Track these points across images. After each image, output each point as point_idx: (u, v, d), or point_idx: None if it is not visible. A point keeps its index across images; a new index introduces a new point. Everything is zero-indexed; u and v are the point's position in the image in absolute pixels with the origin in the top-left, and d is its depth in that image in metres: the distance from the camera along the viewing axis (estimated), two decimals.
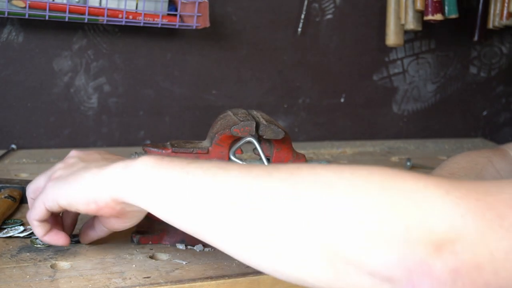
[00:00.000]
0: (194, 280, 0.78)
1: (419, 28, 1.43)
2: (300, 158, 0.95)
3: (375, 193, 0.56)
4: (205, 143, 0.93)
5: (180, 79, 1.39)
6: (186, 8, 1.22)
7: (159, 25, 1.21)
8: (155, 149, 0.91)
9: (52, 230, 0.80)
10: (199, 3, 1.20)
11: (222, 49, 1.40)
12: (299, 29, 1.45)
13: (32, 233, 0.87)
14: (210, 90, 1.42)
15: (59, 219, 0.84)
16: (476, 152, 1.01)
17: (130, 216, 0.77)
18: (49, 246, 0.84)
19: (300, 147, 0.99)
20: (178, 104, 1.40)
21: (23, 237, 0.87)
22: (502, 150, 1.01)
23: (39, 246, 0.84)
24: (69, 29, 1.27)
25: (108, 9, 1.17)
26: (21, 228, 0.88)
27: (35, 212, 0.77)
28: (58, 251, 0.83)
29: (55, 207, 0.76)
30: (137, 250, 0.86)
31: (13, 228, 0.88)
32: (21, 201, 0.98)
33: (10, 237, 0.87)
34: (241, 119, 0.90)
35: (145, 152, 0.92)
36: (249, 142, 0.90)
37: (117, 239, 0.89)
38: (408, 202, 0.55)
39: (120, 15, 1.18)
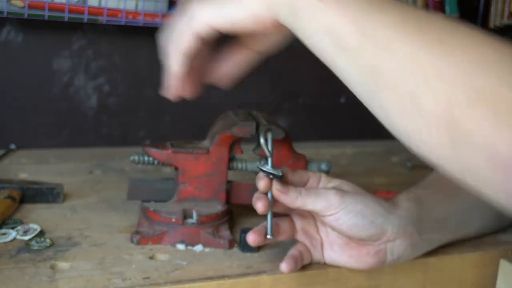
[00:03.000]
0: (194, 280, 0.78)
1: None
2: (300, 158, 0.95)
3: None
4: (205, 143, 0.92)
5: None
6: None
7: (159, 25, 1.21)
8: (155, 149, 0.91)
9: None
10: None
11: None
12: None
13: (34, 236, 0.87)
14: (210, 90, 1.41)
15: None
16: None
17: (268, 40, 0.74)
18: (48, 247, 0.84)
19: (300, 147, 0.99)
20: (178, 104, 1.39)
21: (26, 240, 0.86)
22: None
23: (35, 248, 0.83)
24: (68, 29, 1.27)
25: (108, 9, 1.16)
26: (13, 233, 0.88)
27: (181, 42, 0.69)
28: (57, 251, 0.83)
29: (205, 30, 0.69)
30: (137, 250, 0.86)
31: (13, 230, 0.88)
32: (21, 201, 0.98)
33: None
34: (241, 119, 0.90)
35: (145, 153, 0.92)
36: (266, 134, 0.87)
37: (117, 240, 0.89)
38: None
39: (120, 15, 1.18)
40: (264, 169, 0.78)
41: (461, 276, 0.92)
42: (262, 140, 0.80)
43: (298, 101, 1.50)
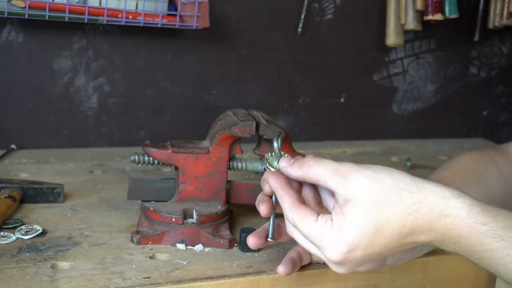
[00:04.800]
0: (194, 280, 0.78)
1: (419, 28, 1.43)
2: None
3: None
4: (205, 143, 0.93)
5: (180, 79, 1.39)
6: (186, 8, 1.22)
7: (159, 25, 1.21)
8: (155, 149, 0.91)
9: None
10: (199, 3, 1.20)
11: (222, 49, 1.40)
12: (299, 29, 1.45)
13: (38, 235, 0.87)
14: (210, 90, 1.42)
15: None
16: (478, 152, 1.01)
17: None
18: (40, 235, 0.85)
19: (300, 147, 0.99)
20: (178, 104, 1.40)
21: (27, 239, 0.87)
22: (503, 149, 1.02)
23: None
24: (69, 29, 1.27)
25: (108, 9, 1.17)
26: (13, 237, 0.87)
27: None
28: (58, 251, 0.83)
29: None
30: (137, 250, 0.86)
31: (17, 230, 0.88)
32: (21, 201, 0.98)
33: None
34: (241, 119, 0.90)
35: (145, 152, 0.92)
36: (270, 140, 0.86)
37: (117, 239, 0.89)
38: None
39: (120, 15, 1.18)
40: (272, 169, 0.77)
41: (460, 275, 0.92)
42: (276, 145, 0.78)
43: (298, 101, 1.50)
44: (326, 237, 0.68)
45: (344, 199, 0.69)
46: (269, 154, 0.78)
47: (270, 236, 0.78)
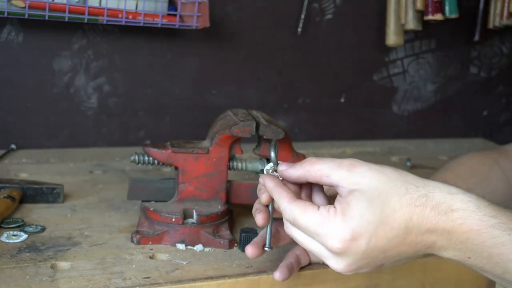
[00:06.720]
0: (194, 280, 0.78)
1: (419, 28, 1.43)
2: (300, 158, 0.95)
3: None
4: (205, 143, 0.93)
5: (180, 79, 1.39)
6: (186, 8, 1.22)
7: (159, 25, 1.21)
8: (155, 149, 0.91)
9: None
10: (199, 3, 1.20)
11: (222, 49, 1.40)
12: (299, 29, 1.45)
13: (38, 231, 0.87)
14: (210, 90, 1.42)
15: None
16: (482, 153, 1.01)
17: None
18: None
19: (300, 147, 0.99)
20: (178, 104, 1.40)
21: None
22: (506, 150, 1.01)
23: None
24: (69, 29, 1.27)
25: (108, 9, 1.16)
26: (24, 235, 0.88)
27: None
28: (58, 251, 0.83)
29: None
30: (137, 250, 0.86)
31: (16, 235, 0.88)
32: (21, 201, 0.98)
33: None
34: (241, 119, 0.90)
35: (145, 152, 0.92)
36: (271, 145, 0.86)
37: (117, 239, 0.89)
38: None
39: (120, 15, 1.18)
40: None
41: (460, 276, 0.92)
42: (273, 154, 0.77)
43: (298, 101, 1.50)
44: (329, 223, 0.65)
45: (349, 190, 0.66)
46: (266, 165, 0.76)
47: (267, 246, 0.78)
